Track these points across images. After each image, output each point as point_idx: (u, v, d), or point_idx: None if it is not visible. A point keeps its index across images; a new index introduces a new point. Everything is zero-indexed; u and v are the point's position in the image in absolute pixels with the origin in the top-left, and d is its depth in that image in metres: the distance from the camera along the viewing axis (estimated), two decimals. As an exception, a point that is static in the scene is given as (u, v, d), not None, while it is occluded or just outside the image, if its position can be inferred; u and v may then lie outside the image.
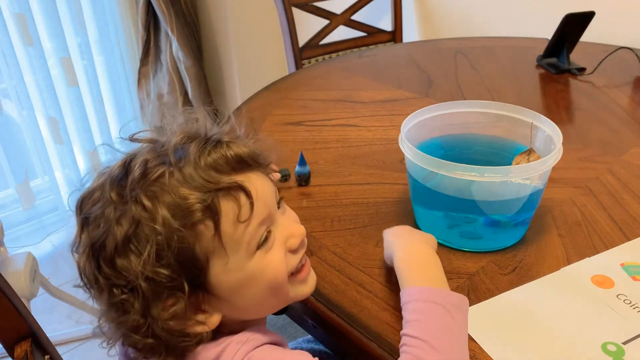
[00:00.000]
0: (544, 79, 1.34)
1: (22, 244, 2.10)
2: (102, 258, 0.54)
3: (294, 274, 0.62)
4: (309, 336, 0.96)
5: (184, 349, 0.57)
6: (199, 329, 0.57)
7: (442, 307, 0.60)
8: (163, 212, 0.53)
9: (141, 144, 0.59)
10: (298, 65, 1.75)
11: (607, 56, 1.34)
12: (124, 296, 0.54)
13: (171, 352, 0.57)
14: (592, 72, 1.33)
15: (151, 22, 2.17)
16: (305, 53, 1.77)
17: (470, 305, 0.69)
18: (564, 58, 1.36)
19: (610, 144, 1.05)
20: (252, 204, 0.56)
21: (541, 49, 1.39)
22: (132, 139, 0.60)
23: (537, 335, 0.65)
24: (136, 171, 0.55)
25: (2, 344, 0.82)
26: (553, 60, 1.39)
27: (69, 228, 2.21)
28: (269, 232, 0.59)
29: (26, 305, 1.37)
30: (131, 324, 0.55)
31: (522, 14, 1.67)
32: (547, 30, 1.37)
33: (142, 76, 2.26)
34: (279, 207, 0.62)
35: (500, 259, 0.77)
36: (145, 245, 0.53)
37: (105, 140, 2.23)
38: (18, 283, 1.40)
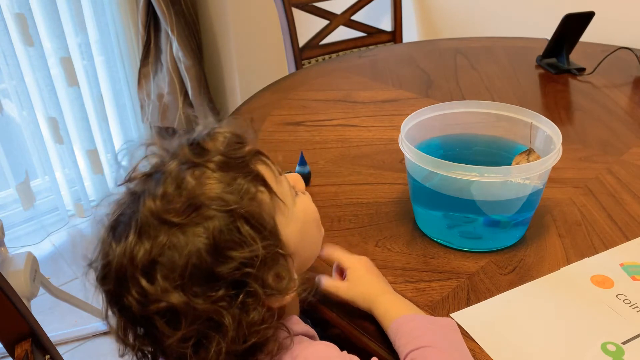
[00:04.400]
0: (544, 79, 1.34)
1: (22, 244, 2.10)
2: (196, 278, 0.52)
3: None
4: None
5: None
6: (292, 295, 0.58)
7: (433, 325, 0.61)
8: (228, 197, 0.54)
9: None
10: (298, 65, 1.75)
11: (606, 56, 1.34)
12: (240, 296, 0.53)
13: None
14: (591, 73, 1.33)
15: (151, 22, 2.17)
16: (305, 53, 1.77)
17: (470, 305, 0.70)
18: (563, 58, 1.36)
19: (610, 144, 1.05)
20: (272, 161, 0.61)
21: (541, 49, 1.39)
22: (129, 180, 0.58)
23: (537, 335, 0.65)
24: (182, 184, 0.54)
25: (2, 343, 0.82)
26: (553, 60, 1.39)
27: (68, 229, 2.21)
28: (291, 185, 0.65)
29: (26, 305, 1.37)
30: (260, 318, 0.54)
31: (522, 14, 1.67)
32: (547, 30, 1.37)
33: (142, 76, 2.26)
34: None
35: (500, 259, 0.77)
36: (239, 229, 0.53)
37: (105, 139, 2.23)
38: (18, 283, 1.41)
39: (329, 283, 0.70)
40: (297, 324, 0.61)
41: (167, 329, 0.52)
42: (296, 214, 0.62)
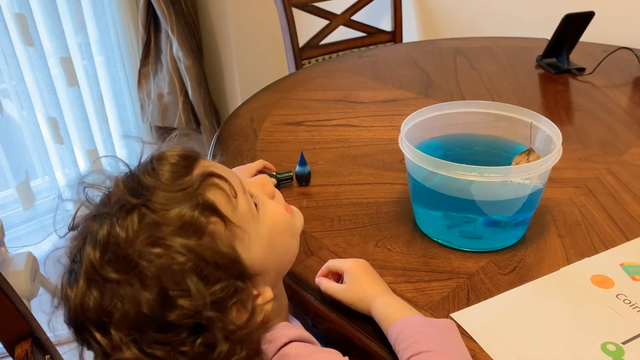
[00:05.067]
0: (544, 79, 1.34)
1: (22, 244, 2.10)
2: (150, 327, 0.50)
3: None
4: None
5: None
6: (267, 308, 0.57)
7: (432, 328, 0.61)
8: (175, 242, 0.50)
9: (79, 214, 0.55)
10: (298, 65, 1.75)
11: (606, 56, 1.34)
12: (200, 339, 0.50)
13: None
14: (591, 72, 1.33)
15: (151, 22, 2.17)
16: (305, 53, 1.77)
17: (470, 305, 0.70)
18: (563, 58, 1.36)
19: (610, 144, 1.05)
20: (226, 180, 0.56)
21: (541, 49, 1.39)
22: (71, 229, 0.55)
23: (537, 335, 0.65)
24: (118, 235, 0.50)
25: (2, 343, 0.82)
26: (553, 60, 1.39)
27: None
28: (255, 195, 0.61)
29: (26, 305, 1.37)
30: (226, 352, 0.52)
31: (522, 14, 1.67)
32: (547, 30, 1.37)
33: (142, 76, 2.26)
34: None
35: (500, 259, 0.77)
36: (186, 280, 0.50)
37: (105, 139, 2.23)
38: (18, 283, 1.41)
39: (327, 286, 0.70)
40: (288, 328, 0.60)
41: None
42: (260, 231, 0.58)
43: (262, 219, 0.59)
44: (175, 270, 0.50)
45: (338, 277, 0.72)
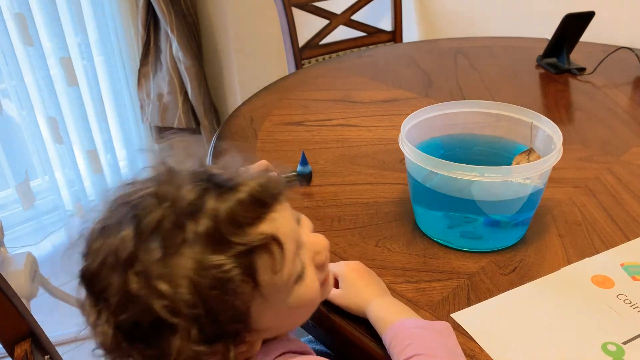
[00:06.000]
0: (544, 79, 1.34)
1: (22, 244, 2.10)
2: (136, 336, 0.49)
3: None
4: (309, 336, 0.96)
5: None
6: (247, 356, 0.55)
7: (427, 330, 0.60)
8: (184, 285, 0.47)
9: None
10: (298, 65, 1.75)
11: (607, 56, 1.34)
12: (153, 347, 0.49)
13: None
14: (592, 72, 1.33)
15: (151, 22, 2.17)
16: (305, 53, 1.77)
17: (470, 305, 0.69)
18: (563, 58, 1.36)
19: (610, 144, 1.05)
20: (283, 249, 0.52)
21: (541, 49, 1.39)
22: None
23: (537, 335, 0.65)
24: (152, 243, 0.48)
25: (2, 344, 0.82)
26: (553, 60, 1.39)
27: (68, 229, 2.21)
28: (302, 266, 0.56)
29: (26, 305, 1.37)
30: None
31: (522, 14, 1.67)
32: (547, 30, 1.37)
33: (142, 76, 2.25)
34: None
35: (500, 259, 0.77)
36: (185, 325, 0.47)
37: (105, 139, 2.23)
38: (18, 283, 1.41)
39: None
40: (285, 340, 0.59)
41: None
42: (284, 301, 0.55)
43: (293, 291, 0.55)
44: (181, 311, 0.47)
45: (336, 280, 0.71)
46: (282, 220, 0.53)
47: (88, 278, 0.51)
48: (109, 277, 0.49)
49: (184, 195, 0.49)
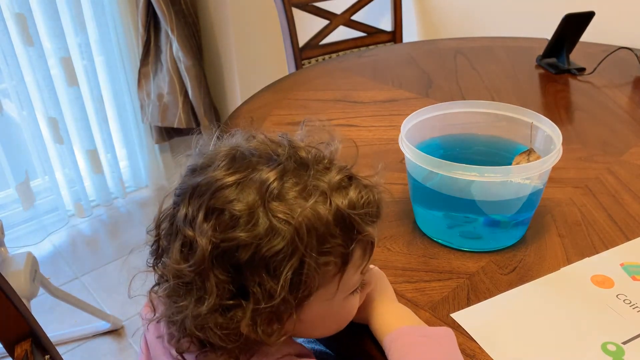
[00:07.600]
0: (544, 79, 1.34)
1: (22, 244, 2.10)
2: (239, 262, 0.52)
3: None
4: (309, 336, 0.96)
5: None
6: (273, 338, 0.56)
7: (426, 337, 0.60)
8: (304, 238, 0.51)
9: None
10: (298, 65, 1.75)
11: (607, 56, 1.34)
12: (243, 302, 0.52)
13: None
14: (592, 72, 1.33)
15: (151, 22, 2.17)
16: (305, 53, 1.77)
17: (470, 305, 0.69)
18: (563, 58, 1.36)
19: (610, 144, 1.05)
20: (371, 258, 0.58)
21: (541, 49, 1.39)
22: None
23: (537, 335, 0.65)
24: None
25: (2, 343, 0.82)
26: (553, 60, 1.39)
27: (68, 229, 2.21)
28: (361, 283, 0.61)
29: (26, 305, 1.37)
30: (233, 330, 0.53)
31: (522, 14, 1.67)
32: (547, 30, 1.37)
33: (142, 76, 2.26)
34: None
35: (500, 259, 0.77)
36: (286, 266, 0.51)
37: (105, 139, 2.23)
38: (18, 283, 1.41)
39: None
40: (287, 344, 0.59)
41: None
42: (334, 305, 0.59)
43: (346, 299, 0.59)
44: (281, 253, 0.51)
45: None
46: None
47: (218, 187, 0.53)
48: (241, 196, 0.52)
49: (334, 176, 0.55)
